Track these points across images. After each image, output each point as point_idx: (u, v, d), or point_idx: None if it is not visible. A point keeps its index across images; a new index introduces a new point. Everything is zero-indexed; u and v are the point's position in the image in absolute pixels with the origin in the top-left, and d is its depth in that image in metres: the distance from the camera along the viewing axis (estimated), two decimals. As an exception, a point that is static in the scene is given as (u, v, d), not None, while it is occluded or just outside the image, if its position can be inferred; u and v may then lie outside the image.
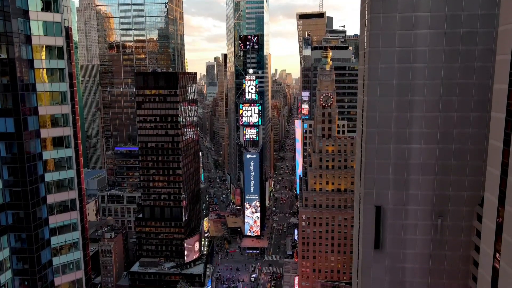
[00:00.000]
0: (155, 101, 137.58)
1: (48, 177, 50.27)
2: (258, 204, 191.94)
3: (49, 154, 50.13)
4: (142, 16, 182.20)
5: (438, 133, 52.40)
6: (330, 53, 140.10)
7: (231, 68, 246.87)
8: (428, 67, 51.43)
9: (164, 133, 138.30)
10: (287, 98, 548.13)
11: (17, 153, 47.10)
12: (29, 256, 48.69)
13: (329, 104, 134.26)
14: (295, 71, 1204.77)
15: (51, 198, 50.76)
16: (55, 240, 51.65)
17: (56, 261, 52.06)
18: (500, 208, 31.62)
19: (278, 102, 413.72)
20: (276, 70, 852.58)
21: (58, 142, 50.94)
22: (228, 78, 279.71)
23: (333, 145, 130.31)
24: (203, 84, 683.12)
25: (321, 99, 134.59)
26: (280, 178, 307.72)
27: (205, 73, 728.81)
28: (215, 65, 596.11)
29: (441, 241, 54.61)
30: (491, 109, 35.70)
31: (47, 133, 49.53)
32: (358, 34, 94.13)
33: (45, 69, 48.73)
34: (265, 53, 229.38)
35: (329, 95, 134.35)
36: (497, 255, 31.89)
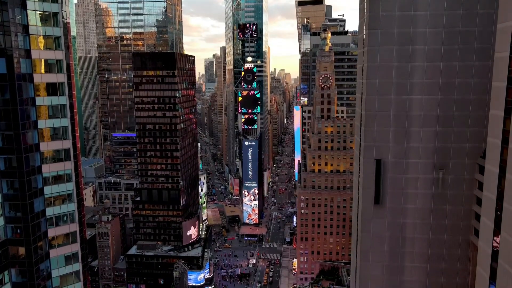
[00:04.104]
0: (153, 82, 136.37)
1: (41, 124, 49.08)
2: (256, 192, 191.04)
3: (43, 101, 48.95)
4: (141, 1, 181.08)
5: (439, 83, 51.36)
6: (329, 35, 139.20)
7: (229, 59, 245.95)
8: (430, 15, 50.40)
9: (162, 115, 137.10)
10: (286, 96, 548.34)
11: (9, 97, 45.94)
12: (22, 203, 47.47)
13: (328, 85, 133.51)
14: (294, 70, 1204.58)
15: (44, 146, 49.61)
16: (49, 190, 50.43)
17: (50, 211, 50.83)
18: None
19: (277, 97, 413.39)
20: (275, 69, 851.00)
21: (52, 89, 49.80)
22: (226, 70, 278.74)
23: (332, 126, 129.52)
24: (202, 82, 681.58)
25: (320, 80, 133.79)
26: (278, 170, 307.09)
27: (203, 73, 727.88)
28: (214, 62, 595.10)
29: (442, 195, 53.52)
30: (493, 58, 34.88)
31: (41, 78, 48.39)
32: (357, 30, 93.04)
33: (38, 12, 47.62)
34: (263, 43, 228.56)
35: (328, 76, 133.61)
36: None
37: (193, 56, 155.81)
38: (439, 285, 55.42)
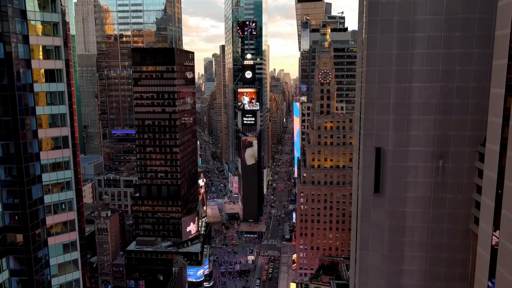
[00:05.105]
0: (152, 77, 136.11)
1: (39, 110, 48.83)
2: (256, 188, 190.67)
3: (41, 87, 48.71)
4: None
5: (440, 70, 51.15)
6: (329, 30, 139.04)
7: (229, 59, 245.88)
8: (430, 2, 50.17)
9: (161, 110, 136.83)
10: (285, 95, 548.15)
11: (6, 83, 45.68)
12: (19, 189, 47.23)
13: (327, 81, 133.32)
14: (293, 70, 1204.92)
15: (42, 133, 49.36)
16: (47, 177, 50.20)
17: (48, 199, 50.59)
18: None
19: (277, 96, 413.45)
20: (274, 69, 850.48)
21: (50, 75, 49.54)
22: (226, 69, 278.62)
23: (331, 122, 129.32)
24: (201, 82, 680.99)
25: (319, 76, 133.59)
26: (278, 169, 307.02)
27: (203, 73, 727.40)
28: (213, 61, 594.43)
29: (442, 184, 53.27)
30: (494, 45, 34.71)
31: (39, 64, 48.15)
32: (356, 30, 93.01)
33: (36, -2, 47.45)
34: (263, 42, 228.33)
35: (328, 71, 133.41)
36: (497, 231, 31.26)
37: (193, 52, 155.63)
38: (439, 275, 55.21)
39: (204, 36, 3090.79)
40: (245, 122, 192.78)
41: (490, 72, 36.43)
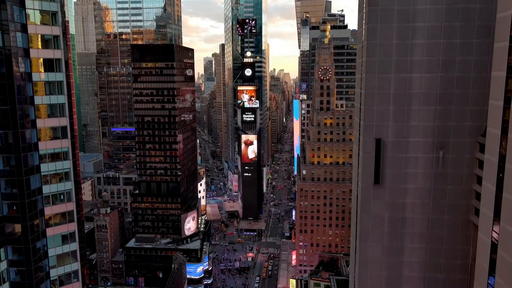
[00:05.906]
0: (152, 74, 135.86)
1: (38, 100, 48.60)
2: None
3: (39, 76, 48.47)
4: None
5: (440, 61, 50.95)
6: (328, 27, 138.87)
7: (229, 60, 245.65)
8: (430, -8, 50.03)
9: (160, 107, 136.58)
10: (285, 95, 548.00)
11: (5, 71, 45.43)
12: (18, 179, 46.94)
13: (327, 77, 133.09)
14: (293, 71, 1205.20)
15: (41, 123, 49.10)
16: (45, 168, 49.93)
17: (46, 189, 50.29)
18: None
19: (276, 95, 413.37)
20: (274, 69, 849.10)
21: (49, 65, 49.33)
22: (226, 68, 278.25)
23: (331, 118, 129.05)
24: (201, 82, 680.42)
25: (319, 72, 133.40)
26: (277, 167, 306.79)
27: (203, 72, 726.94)
28: (213, 61, 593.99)
29: (442, 175, 53.05)
30: (494, 36, 34.51)
31: (37, 53, 47.88)
32: (356, 29, 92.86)
33: (35, -14, 47.22)
34: (263, 41, 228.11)
35: (328, 68, 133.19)
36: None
37: (192, 49, 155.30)
38: (439, 266, 55.01)
39: (204, 36, 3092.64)
40: (244, 119, 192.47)
41: (491, 62, 36.23)
